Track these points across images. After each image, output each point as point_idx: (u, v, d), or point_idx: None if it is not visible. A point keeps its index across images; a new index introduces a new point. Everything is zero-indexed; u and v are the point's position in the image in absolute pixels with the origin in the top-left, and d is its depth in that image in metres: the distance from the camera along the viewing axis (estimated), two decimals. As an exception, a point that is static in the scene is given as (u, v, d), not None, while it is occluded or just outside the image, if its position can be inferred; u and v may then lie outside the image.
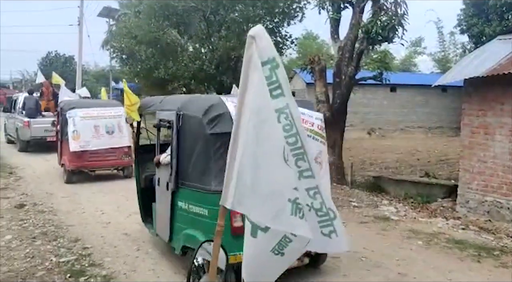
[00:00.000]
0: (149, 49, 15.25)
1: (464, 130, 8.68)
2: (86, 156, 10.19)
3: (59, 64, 44.71)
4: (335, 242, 2.14)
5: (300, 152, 1.92)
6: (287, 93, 1.88)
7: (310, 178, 1.98)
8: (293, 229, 1.92)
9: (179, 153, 4.76)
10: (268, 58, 1.83)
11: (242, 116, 1.86)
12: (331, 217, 2.13)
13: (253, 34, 1.86)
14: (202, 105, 4.62)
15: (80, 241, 6.15)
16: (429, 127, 25.55)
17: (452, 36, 30.04)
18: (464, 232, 6.96)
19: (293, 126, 1.89)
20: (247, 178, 1.86)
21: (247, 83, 1.85)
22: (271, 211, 1.86)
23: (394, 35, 9.62)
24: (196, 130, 4.58)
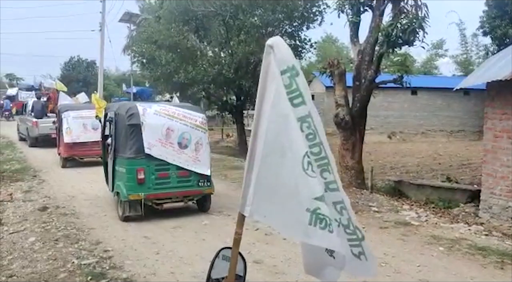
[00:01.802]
0: (169, 53, 15.42)
1: (487, 134, 8.52)
2: (76, 147, 13.21)
3: (82, 69, 45.48)
4: (364, 265, 2.04)
5: (325, 162, 1.88)
6: (308, 101, 1.86)
7: (336, 191, 1.93)
8: (310, 240, 1.87)
9: (115, 136, 7.82)
10: (287, 67, 1.82)
11: (260, 125, 1.85)
12: (359, 237, 2.03)
13: (271, 43, 1.85)
14: (125, 108, 7.65)
15: (101, 244, 6.23)
16: (450, 131, 25.18)
17: (475, 38, 29.62)
18: (487, 238, 6.82)
19: (316, 135, 1.85)
20: (266, 187, 1.85)
21: (264, 93, 1.85)
22: (289, 220, 1.83)
23: (415, 38, 9.48)
24: (122, 122, 7.59)
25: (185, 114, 7.79)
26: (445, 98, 24.83)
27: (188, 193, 7.75)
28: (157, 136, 7.41)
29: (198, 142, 7.70)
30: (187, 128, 7.67)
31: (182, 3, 15.74)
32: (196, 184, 7.73)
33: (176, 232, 6.80)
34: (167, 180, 7.53)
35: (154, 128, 7.41)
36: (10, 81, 52.92)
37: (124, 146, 7.49)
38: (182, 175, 7.59)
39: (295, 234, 1.87)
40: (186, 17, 16.01)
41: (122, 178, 7.50)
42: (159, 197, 7.51)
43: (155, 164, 7.38)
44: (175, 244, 6.25)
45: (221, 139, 23.19)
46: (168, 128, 7.52)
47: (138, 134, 7.35)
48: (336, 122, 10.63)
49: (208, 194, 8.00)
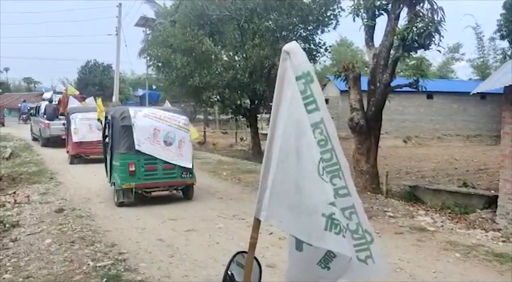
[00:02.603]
0: (184, 57, 15.51)
1: (504, 139, 8.39)
2: (83, 145, 14.74)
3: (98, 73, 46.04)
4: (372, 268, 1.99)
5: (336, 168, 1.87)
6: (322, 108, 1.86)
7: (347, 196, 1.91)
8: (326, 245, 1.86)
9: (112, 135, 9.07)
10: (302, 73, 1.83)
11: (276, 130, 1.86)
12: (367, 240, 1.98)
13: (287, 49, 1.87)
14: (119, 112, 9.11)
15: (116, 246, 6.28)
16: (467, 135, 24.89)
17: (492, 41, 29.24)
18: (504, 244, 6.70)
19: (328, 141, 1.86)
20: (282, 191, 1.85)
21: (281, 98, 1.86)
22: (305, 225, 1.83)
23: (431, 42, 9.41)
24: (117, 124, 8.90)
25: (170, 116, 9.25)
26: (461, 102, 24.58)
27: (172, 183, 9.09)
28: (146, 135, 8.78)
29: (181, 140, 9.09)
30: (172, 128, 9.06)
31: (197, 8, 15.83)
32: (180, 176, 9.05)
33: (190, 235, 6.82)
34: (155, 172, 8.87)
35: (143, 129, 8.80)
36: (28, 84, 53.75)
37: (118, 144, 8.87)
38: (167, 168, 8.91)
39: (310, 239, 1.85)
40: (201, 21, 16.10)
41: (117, 170, 8.84)
42: (147, 186, 8.85)
43: (144, 158, 8.75)
44: (189, 247, 6.28)
45: (235, 143, 23.24)
46: (155, 128, 8.90)
47: (129, 133, 8.74)
48: (351, 127, 10.59)
49: (190, 184, 9.31)
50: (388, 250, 6.24)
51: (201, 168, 14.19)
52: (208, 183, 11.52)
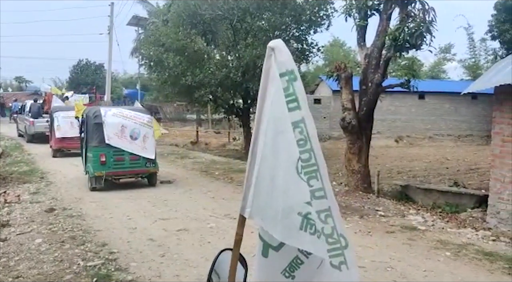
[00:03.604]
0: (176, 57, 15.45)
1: (495, 139, 8.46)
2: (65, 141, 15.99)
3: (90, 72, 45.73)
4: (345, 275, 1.90)
5: (314, 169, 1.83)
6: (303, 107, 1.83)
7: (323, 198, 1.86)
8: (302, 245, 1.80)
9: (86, 131, 10.42)
10: (286, 70, 1.82)
11: (261, 126, 1.85)
12: (342, 245, 1.90)
13: (272, 46, 1.86)
14: (92, 111, 10.57)
15: (107, 246, 6.24)
16: (458, 135, 25.05)
17: (483, 42, 29.40)
18: (494, 243, 6.76)
19: (308, 141, 1.82)
20: (264, 189, 1.83)
21: (265, 94, 1.85)
22: (283, 224, 1.78)
23: (422, 42, 9.46)
24: (90, 121, 10.30)
25: (135, 115, 10.75)
26: (452, 102, 24.73)
27: (138, 171, 10.63)
28: (114, 131, 10.22)
29: (145, 135, 10.55)
30: (137, 125, 10.53)
31: (189, 7, 15.79)
32: (144, 165, 10.54)
33: (181, 235, 6.80)
34: (122, 162, 10.35)
35: (112, 125, 10.26)
36: (19, 84, 53.33)
37: (91, 138, 10.29)
38: (133, 158, 10.40)
39: (286, 238, 1.80)
40: (194, 21, 16.06)
41: (90, 160, 10.21)
42: (116, 174, 10.35)
43: (113, 150, 10.20)
44: (181, 246, 6.26)
45: (228, 142, 23.23)
46: (123, 125, 10.37)
47: (100, 130, 10.17)
48: (343, 126, 10.62)
49: (153, 172, 10.82)
50: (379, 249, 6.27)
51: (193, 167, 14.18)
52: (201, 182, 11.50)
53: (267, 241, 1.91)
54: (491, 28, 18.90)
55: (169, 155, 17.28)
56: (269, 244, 1.91)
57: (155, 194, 9.82)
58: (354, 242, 6.45)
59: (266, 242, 1.91)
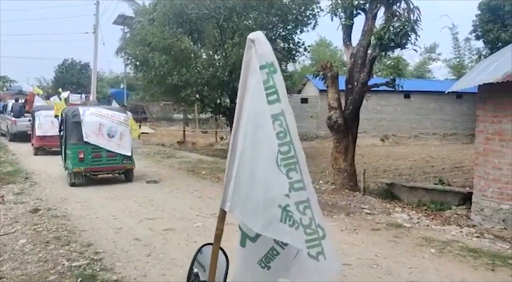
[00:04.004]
0: (162, 56, 15.37)
1: (478, 137, 8.57)
2: (46, 139, 16.36)
3: (75, 71, 45.30)
4: (323, 265, 1.91)
5: (293, 161, 1.83)
6: (283, 100, 1.83)
7: (302, 189, 1.86)
8: (283, 237, 1.81)
9: (65, 130, 10.85)
10: (266, 62, 1.82)
11: (241, 120, 1.85)
12: (320, 236, 1.91)
13: (252, 38, 1.85)
14: (71, 110, 11.07)
15: (92, 246, 6.19)
16: (443, 134, 25.32)
17: (468, 42, 29.72)
18: (478, 240, 6.84)
19: (287, 134, 1.83)
20: (243, 182, 1.83)
21: (245, 87, 1.85)
22: (263, 217, 1.78)
23: (407, 41, 9.55)
24: (69, 120, 10.75)
25: (112, 114, 11.25)
26: (438, 101, 24.98)
27: (115, 167, 11.12)
28: (92, 129, 10.72)
29: (122, 133, 11.03)
30: (114, 124, 11.01)
31: (176, 6, 15.71)
32: (121, 162, 11.03)
33: (168, 234, 6.77)
34: (100, 159, 10.81)
35: (90, 124, 10.75)
36: (4, 83, 52.57)
37: (70, 136, 10.77)
38: (110, 155, 10.86)
39: (268, 231, 1.80)
40: (180, 20, 15.99)
41: (69, 157, 10.69)
42: (94, 170, 10.85)
43: (91, 148, 10.69)
44: (167, 246, 6.23)
45: (215, 142, 23.18)
46: (100, 124, 10.86)
47: (79, 128, 10.68)
48: (329, 125, 10.67)
49: (130, 168, 11.28)
50: (365, 246, 6.31)
51: (180, 167, 14.13)
52: (187, 182, 11.46)
53: (245, 231, 1.91)
54: (475, 28, 19.10)
55: (156, 155, 17.20)
56: (247, 235, 1.92)
57: (141, 194, 9.77)
58: (340, 239, 6.53)
59: (245, 233, 1.92)
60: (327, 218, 7.90)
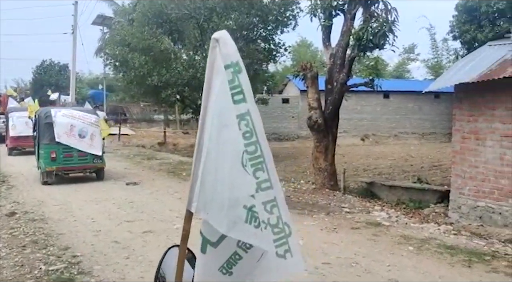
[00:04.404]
0: (142, 56, 15.27)
1: (455, 136, 8.71)
2: (20, 140, 16.77)
3: (54, 72, 44.57)
4: (290, 263, 1.87)
5: (260, 161, 1.81)
6: (249, 100, 1.81)
7: (269, 189, 1.83)
8: (248, 238, 1.78)
9: (38, 130, 11.24)
10: (231, 62, 1.80)
11: (206, 120, 1.84)
12: (286, 234, 1.88)
13: (217, 37, 1.84)
14: (44, 112, 11.44)
15: (70, 249, 6.10)
16: (422, 133, 25.68)
17: (445, 42, 30.18)
18: (455, 237, 6.96)
19: (253, 134, 1.81)
20: (209, 182, 1.82)
21: (210, 87, 1.84)
22: (228, 217, 1.77)
23: (385, 41, 9.66)
24: (42, 121, 11.14)
25: (83, 115, 11.73)
26: (416, 101, 25.32)
27: (86, 167, 11.55)
28: (64, 130, 11.09)
29: (92, 134, 11.47)
30: (85, 125, 11.46)
31: (155, 6, 15.64)
32: (92, 161, 11.46)
33: (147, 236, 6.71)
34: (71, 158, 11.22)
35: (62, 125, 11.13)
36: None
37: (43, 136, 11.14)
38: (82, 155, 11.27)
39: (233, 232, 1.78)
40: (160, 20, 15.93)
41: (42, 157, 11.07)
42: (66, 169, 11.26)
43: (63, 148, 11.08)
44: (146, 248, 6.17)
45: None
46: (72, 125, 11.27)
47: (51, 129, 11.03)
48: (309, 125, 10.72)
49: (100, 168, 11.75)
50: (344, 245, 6.36)
51: (160, 168, 14.03)
52: (168, 183, 11.39)
53: (206, 236, 1.88)
54: (452, 28, 19.35)
55: (136, 156, 17.05)
56: (207, 240, 1.88)
57: (120, 196, 9.67)
58: (320, 239, 6.57)
59: (205, 238, 1.88)
60: (308, 218, 7.95)
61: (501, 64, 7.71)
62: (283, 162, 16.53)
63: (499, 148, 7.76)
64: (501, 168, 7.72)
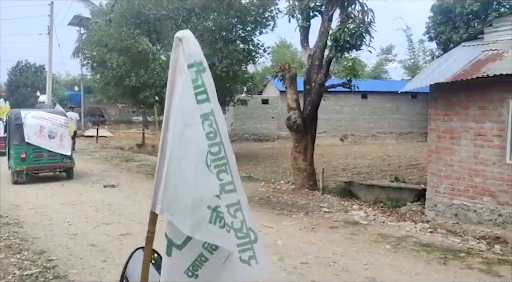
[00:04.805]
0: (120, 57, 15.08)
1: (431, 135, 8.86)
2: None
3: (30, 74, 43.71)
4: (255, 269, 1.88)
5: (223, 162, 1.80)
6: (212, 99, 1.80)
7: (232, 192, 1.81)
8: (213, 239, 1.76)
9: (9, 131, 11.74)
10: (194, 61, 1.79)
11: (169, 120, 1.83)
12: (251, 239, 1.87)
13: (180, 36, 1.83)
14: (14, 113, 11.72)
15: (45, 253, 6.00)
16: (399, 133, 26.02)
17: (422, 43, 30.67)
18: (431, 235, 7.07)
19: (217, 134, 1.80)
20: (173, 183, 1.80)
21: (173, 85, 1.83)
22: (192, 218, 1.75)
23: (362, 42, 9.76)
24: (12, 122, 11.47)
25: (53, 117, 12.02)
26: (394, 101, 25.63)
27: (55, 166, 11.92)
28: (33, 131, 11.43)
29: (62, 135, 11.81)
30: (54, 126, 11.79)
31: (133, 6, 15.46)
32: (61, 161, 11.85)
33: (124, 239, 6.64)
34: (41, 158, 11.53)
35: (31, 126, 11.45)
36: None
37: (13, 137, 11.51)
38: (51, 155, 11.61)
39: (197, 233, 1.76)
40: (138, 21, 15.74)
41: (12, 157, 11.43)
42: (36, 168, 11.58)
43: (33, 148, 11.39)
44: (123, 251, 6.08)
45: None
46: (41, 126, 11.59)
47: (21, 130, 11.36)
48: (288, 125, 10.76)
49: (70, 167, 12.15)
50: (323, 244, 6.40)
51: (138, 170, 13.91)
52: (146, 185, 11.26)
53: (171, 239, 1.85)
54: (428, 29, 19.67)
55: (114, 158, 16.85)
56: (173, 242, 1.85)
57: (98, 199, 9.54)
58: (299, 238, 6.60)
59: (171, 240, 1.86)
60: (287, 218, 7.99)
61: (474, 65, 7.87)
62: (263, 162, 16.57)
63: (473, 147, 7.92)
64: (475, 166, 7.88)
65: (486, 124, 7.71)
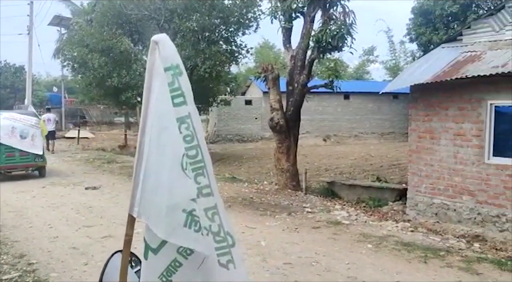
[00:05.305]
0: (101, 57, 14.93)
1: (411, 135, 8.99)
2: None
3: (9, 75, 42.95)
4: (233, 274, 1.86)
5: (200, 165, 1.79)
6: (189, 102, 1.79)
7: (210, 195, 1.80)
8: (188, 243, 1.74)
9: None
10: (171, 64, 1.79)
11: (147, 123, 1.82)
12: (229, 244, 1.87)
13: (156, 39, 1.83)
14: None
15: (25, 257, 5.90)
16: (381, 133, 26.28)
17: (403, 44, 31.04)
18: (412, 234, 7.16)
19: (194, 137, 1.79)
20: (149, 186, 1.80)
21: (150, 89, 1.83)
22: (167, 222, 1.75)
23: (344, 44, 9.85)
24: None
25: (24, 118, 12.52)
26: (376, 102, 25.89)
27: (28, 165, 12.34)
28: (5, 132, 11.84)
29: (33, 135, 12.30)
30: (26, 127, 12.29)
31: (115, 6, 15.32)
32: (33, 160, 12.28)
33: (106, 242, 6.57)
34: (13, 158, 11.98)
35: (3, 127, 11.85)
36: None
37: None
38: (23, 154, 12.07)
39: (172, 237, 1.75)
40: (120, 21, 15.60)
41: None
42: (8, 168, 11.99)
43: (5, 148, 11.78)
44: (105, 254, 6.01)
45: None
46: (13, 127, 12.09)
47: None
48: (271, 126, 10.79)
49: (42, 166, 12.60)
50: (305, 244, 6.43)
51: (121, 172, 13.78)
52: (128, 187, 11.08)
53: (148, 242, 1.85)
54: (409, 31, 19.96)
55: (96, 160, 16.67)
56: (149, 246, 1.84)
57: (79, 201, 9.42)
58: (282, 239, 6.62)
59: (147, 244, 1.85)
60: (270, 218, 8.01)
61: (453, 66, 8.01)
62: (246, 163, 16.57)
63: (453, 146, 8.06)
64: (455, 165, 8.02)
65: (465, 124, 7.86)
